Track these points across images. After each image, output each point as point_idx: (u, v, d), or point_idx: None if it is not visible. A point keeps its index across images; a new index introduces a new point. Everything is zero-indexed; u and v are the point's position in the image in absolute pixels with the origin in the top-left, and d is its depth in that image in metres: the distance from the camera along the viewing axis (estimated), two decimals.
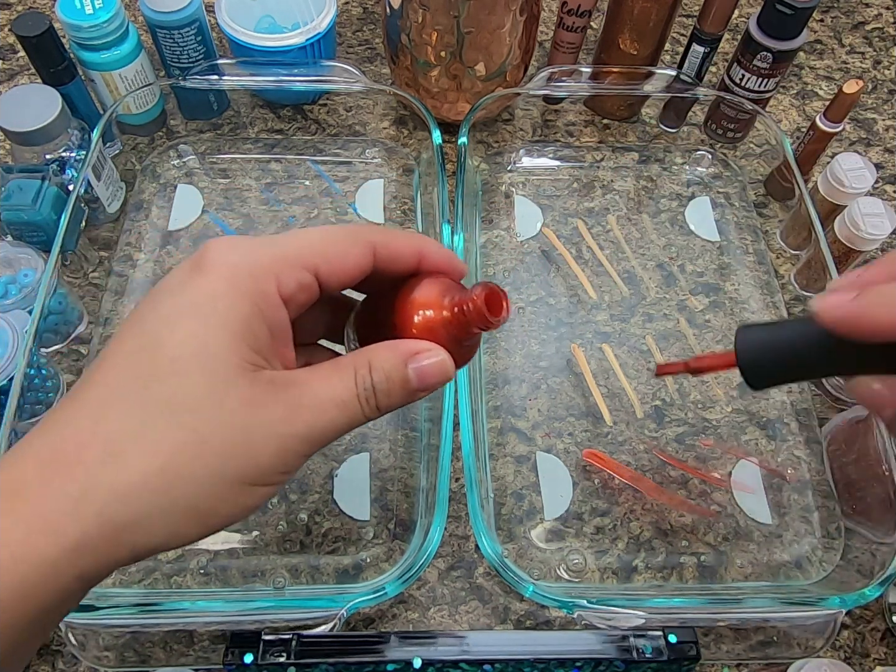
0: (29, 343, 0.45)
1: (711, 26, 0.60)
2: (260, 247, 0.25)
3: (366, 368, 0.25)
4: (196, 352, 0.23)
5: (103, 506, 0.22)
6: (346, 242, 0.26)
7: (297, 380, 0.25)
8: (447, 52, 0.57)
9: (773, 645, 0.42)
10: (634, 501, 0.49)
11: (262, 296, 0.24)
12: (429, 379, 0.26)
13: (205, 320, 0.24)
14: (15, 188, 0.52)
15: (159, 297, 0.25)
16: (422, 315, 0.26)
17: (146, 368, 0.23)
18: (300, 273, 0.25)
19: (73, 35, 0.55)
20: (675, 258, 0.60)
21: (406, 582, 0.40)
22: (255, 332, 0.24)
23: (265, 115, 0.66)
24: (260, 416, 0.24)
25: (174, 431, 0.23)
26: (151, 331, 0.24)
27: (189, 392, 0.23)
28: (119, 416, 0.23)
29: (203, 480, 0.23)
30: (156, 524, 0.23)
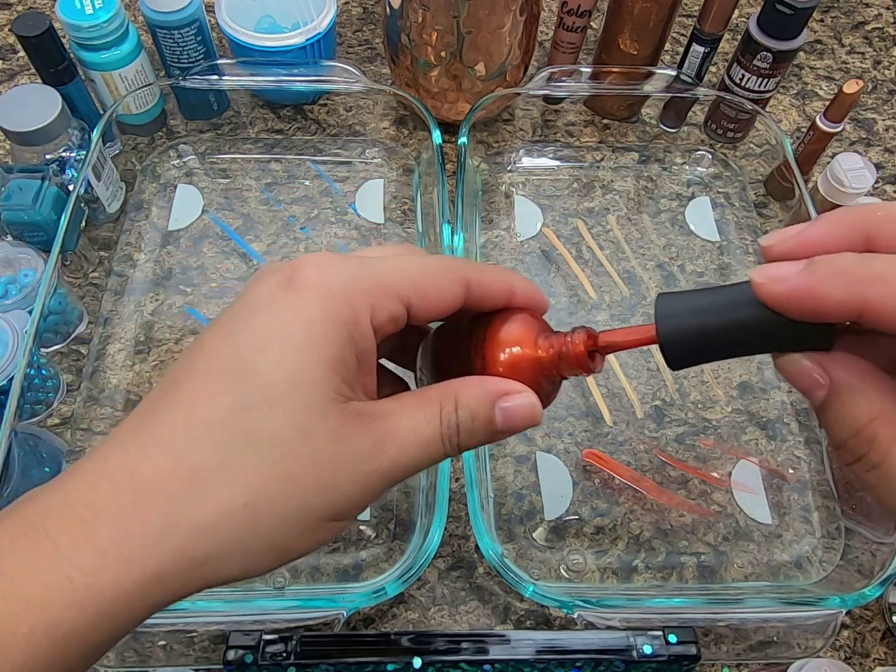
0: (29, 343, 0.45)
1: (711, 26, 0.60)
2: (356, 269, 0.24)
3: (452, 405, 0.24)
4: (289, 380, 0.22)
5: (183, 541, 0.21)
6: (442, 277, 0.25)
7: (384, 412, 0.24)
8: (447, 52, 0.57)
9: (773, 645, 0.42)
10: (634, 501, 0.49)
11: (355, 324, 0.23)
12: (515, 422, 0.25)
13: (299, 346, 0.22)
14: (15, 188, 0.52)
15: (249, 312, 0.24)
16: (510, 353, 0.25)
17: (236, 394, 0.22)
18: (394, 304, 0.24)
19: (73, 35, 0.55)
20: (675, 258, 0.60)
21: (406, 582, 0.40)
22: (346, 361, 0.23)
23: (265, 115, 0.66)
24: (348, 451, 0.23)
25: (261, 466, 0.22)
26: (243, 352, 0.23)
27: (279, 424, 0.22)
28: (205, 446, 0.22)
29: (286, 517, 0.22)
30: (233, 559, 0.22)
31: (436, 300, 0.25)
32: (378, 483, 0.24)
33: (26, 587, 0.20)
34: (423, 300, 0.25)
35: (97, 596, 0.21)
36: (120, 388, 0.52)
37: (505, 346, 0.25)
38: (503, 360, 0.25)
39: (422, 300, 0.25)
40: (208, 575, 0.22)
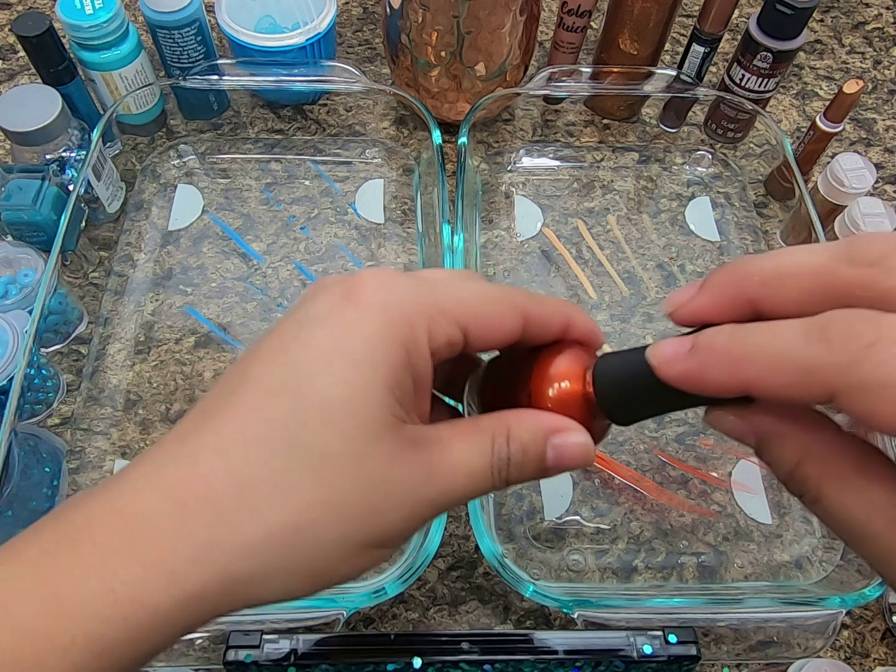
0: (29, 343, 0.45)
1: (711, 26, 0.60)
2: (417, 289, 0.24)
3: (504, 437, 0.24)
4: (347, 398, 0.22)
5: (229, 559, 0.21)
6: (502, 306, 0.25)
7: (437, 439, 0.23)
8: (447, 52, 0.57)
9: (773, 645, 0.42)
10: (634, 501, 0.49)
11: (414, 345, 0.23)
12: (566, 461, 0.24)
13: (358, 365, 0.22)
14: (15, 188, 0.52)
15: (307, 325, 0.23)
16: (558, 388, 0.24)
17: (293, 410, 0.22)
18: (452, 328, 0.24)
19: (73, 35, 0.55)
20: (675, 258, 0.60)
21: (406, 582, 0.40)
22: (402, 383, 0.23)
23: (265, 115, 0.66)
24: (398, 477, 0.22)
25: (312, 486, 0.21)
26: (300, 366, 0.22)
27: (334, 444, 0.21)
28: (258, 461, 0.21)
29: (331, 541, 0.22)
30: (274, 582, 0.22)
31: (494, 329, 0.24)
32: (425, 512, 0.23)
33: (70, 597, 0.20)
34: (481, 328, 0.24)
35: (138, 610, 0.20)
36: (120, 388, 0.52)
37: (554, 381, 0.25)
38: (551, 396, 0.24)
39: (479, 328, 0.24)
40: (248, 594, 0.22)
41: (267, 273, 0.58)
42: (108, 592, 0.20)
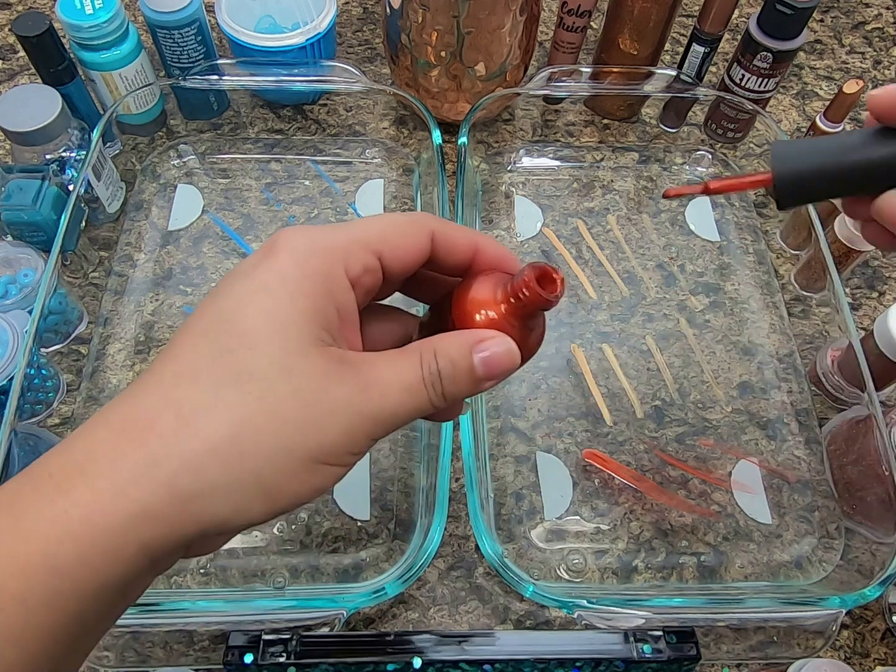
0: (29, 343, 0.45)
1: (711, 26, 0.60)
2: (328, 231, 0.26)
3: (431, 354, 0.25)
4: (267, 324, 0.24)
5: (172, 474, 0.22)
6: (408, 227, 0.27)
7: (366, 360, 0.25)
8: (447, 52, 0.57)
9: (773, 645, 0.42)
10: (634, 501, 0.49)
11: (331, 276, 0.25)
12: (495, 367, 0.26)
13: (275, 296, 0.24)
14: (15, 188, 0.52)
15: (232, 280, 0.25)
16: (482, 314, 0.26)
17: (219, 342, 0.24)
18: (366, 256, 0.26)
19: (73, 35, 0.55)
20: (675, 258, 0.60)
21: (406, 582, 0.40)
22: (324, 311, 0.24)
23: (265, 115, 0.66)
24: (330, 390, 0.24)
25: (245, 401, 0.23)
26: (224, 309, 0.24)
27: (261, 363, 0.23)
28: (192, 387, 0.23)
29: (271, 452, 0.23)
30: (222, 495, 0.23)
31: (405, 249, 0.27)
32: (365, 425, 0.24)
33: (26, 520, 0.21)
34: (394, 250, 0.26)
35: (89, 529, 0.21)
36: (120, 388, 0.52)
37: (477, 308, 0.27)
38: (477, 322, 0.26)
39: (392, 250, 0.26)
40: (200, 512, 0.22)
41: None
42: (60, 514, 0.21)
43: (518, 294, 0.26)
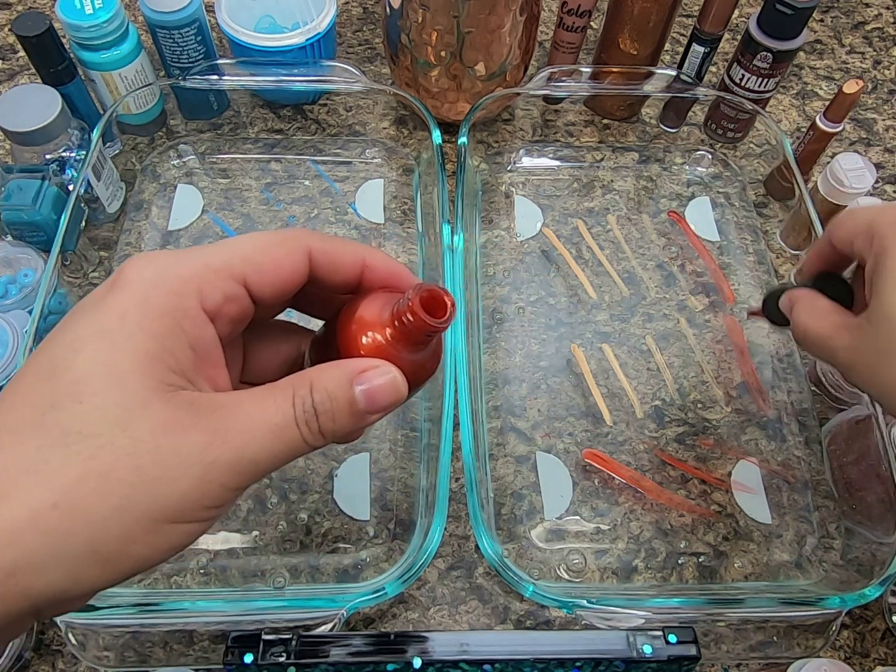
0: (29, 343, 0.45)
1: (711, 26, 0.60)
2: (182, 258, 0.23)
3: (306, 388, 0.23)
4: (101, 373, 0.21)
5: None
6: (278, 248, 0.24)
7: (226, 402, 0.22)
8: (447, 52, 0.57)
9: (773, 645, 0.42)
10: (634, 501, 0.49)
11: (182, 311, 0.22)
12: (378, 400, 0.24)
13: (112, 341, 0.21)
14: (15, 188, 0.52)
15: (69, 321, 0.23)
16: (368, 337, 0.24)
17: (46, 395, 0.21)
18: (226, 284, 0.23)
19: (73, 35, 0.55)
20: (675, 258, 0.60)
21: (406, 582, 0.40)
22: (173, 351, 0.22)
23: (265, 115, 0.66)
24: (176, 442, 0.21)
25: (71, 463, 0.20)
26: (55, 355, 0.22)
27: (92, 418, 0.21)
28: (14, 449, 0.21)
29: (104, 519, 0.20)
30: (50, 569, 0.20)
31: (275, 273, 0.24)
32: (222, 478, 0.22)
33: None
34: (261, 275, 0.24)
35: None
36: None
37: (363, 330, 0.24)
38: (363, 344, 0.24)
39: (260, 275, 0.24)
40: (24, 587, 0.20)
41: None
42: None
43: (402, 318, 0.23)
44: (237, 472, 0.22)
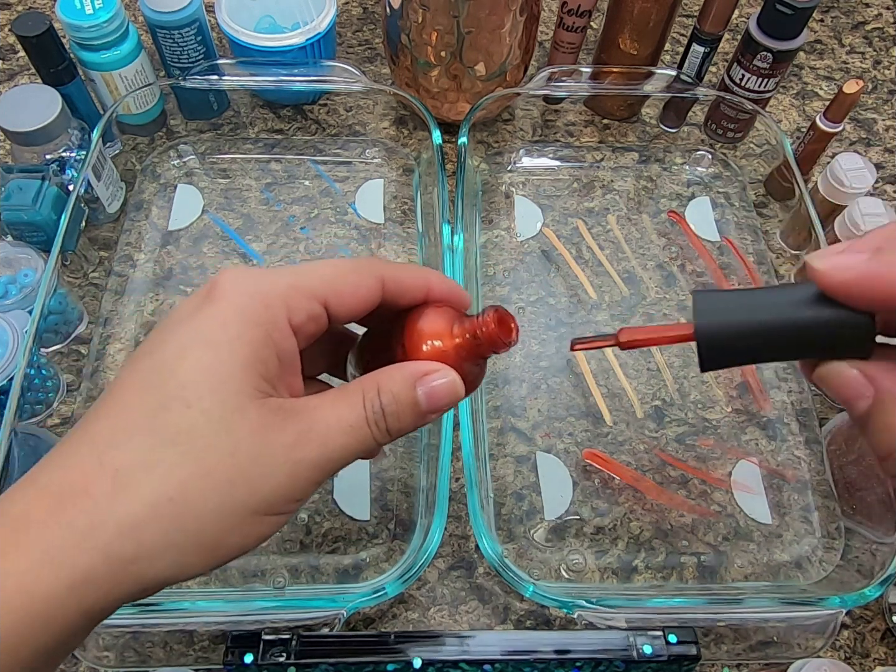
0: (29, 343, 0.45)
1: (711, 26, 0.60)
2: (272, 276, 0.26)
3: (374, 391, 0.25)
4: (205, 379, 0.23)
5: (110, 539, 0.22)
6: (357, 275, 0.27)
7: (307, 406, 0.25)
8: (447, 52, 0.57)
9: (773, 645, 0.42)
10: (634, 501, 0.49)
11: (273, 324, 0.24)
12: (438, 400, 0.26)
13: (215, 348, 0.24)
14: (15, 188, 0.52)
15: (170, 327, 0.25)
16: (431, 344, 0.26)
17: (155, 398, 0.23)
18: (310, 303, 0.26)
19: (73, 35, 0.55)
20: (675, 258, 0.60)
21: (406, 582, 0.40)
22: (265, 360, 0.24)
23: (265, 115, 0.66)
24: (269, 443, 0.24)
25: (183, 462, 0.23)
26: (161, 360, 0.24)
27: (199, 421, 0.23)
28: (127, 447, 0.23)
29: (211, 511, 0.23)
30: (163, 557, 0.23)
31: (352, 297, 0.27)
32: (308, 473, 0.24)
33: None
34: (340, 297, 0.26)
35: (27, 600, 0.21)
36: None
37: (426, 339, 0.27)
38: (425, 352, 0.26)
39: (338, 297, 0.26)
40: (140, 574, 0.22)
41: None
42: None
43: (476, 332, 0.26)
44: (320, 468, 0.25)
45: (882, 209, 0.53)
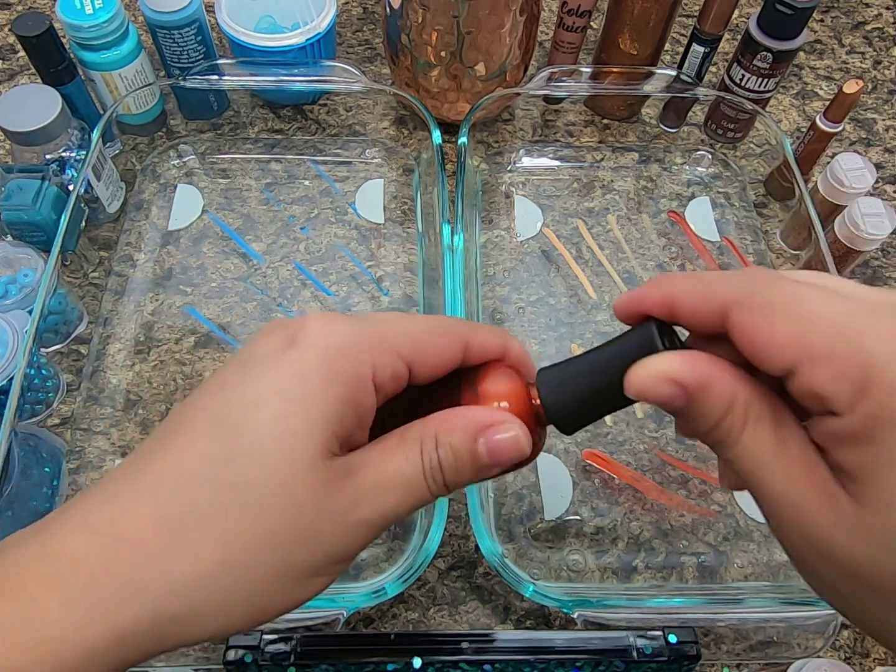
0: (29, 343, 0.45)
1: (711, 26, 0.60)
2: (361, 327, 0.24)
3: (432, 443, 0.24)
4: (277, 436, 0.22)
5: (157, 597, 0.21)
6: (443, 338, 0.26)
7: (365, 459, 0.24)
8: (447, 52, 0.57)
9: (773, 645, 0.42)
10: (634, 501, 0.49)
11: (359, 381, 0.23)
12: (502, 455, 0.24)
13: (291, 403, 0.22)
14: (15, 188, 0.52)
15: (247, 368, 0.23)
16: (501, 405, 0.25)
17: (224, 449, 0.22)
18: (396, 362, 0.24)
19: (73, 35, 0.55)
20: (675, 258, 0.60)
21: (406, 582, 0.40)
22: (343, 417, 0.23)
23: (265, 115, 0.66)
24: (329, 504, 0.22)
25: (240, 521, 0.22)
26: (235, 405, 0.23)
27: (263, 479, 0.22)
28: (186, 498, 0.22)
29: (265, 573, 0.22)
30: (209, 617, 0.22)
31: (436, 360, 0.25)
32: (362, 533, 0.23)
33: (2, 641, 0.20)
34: (425, 359, 0.25)
35: (67, 652, 0.20)
36: (120, 388, 0.52)
37: (498, 396, 0.25)
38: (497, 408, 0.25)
39: (423, 359, 0.25)
40: (183, 633, 0.22)
41: (267, 273, 0.58)
42: (35, 636, 0.20)
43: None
44: (374, 526, 0.23)
45: (882, 209, 0.53)
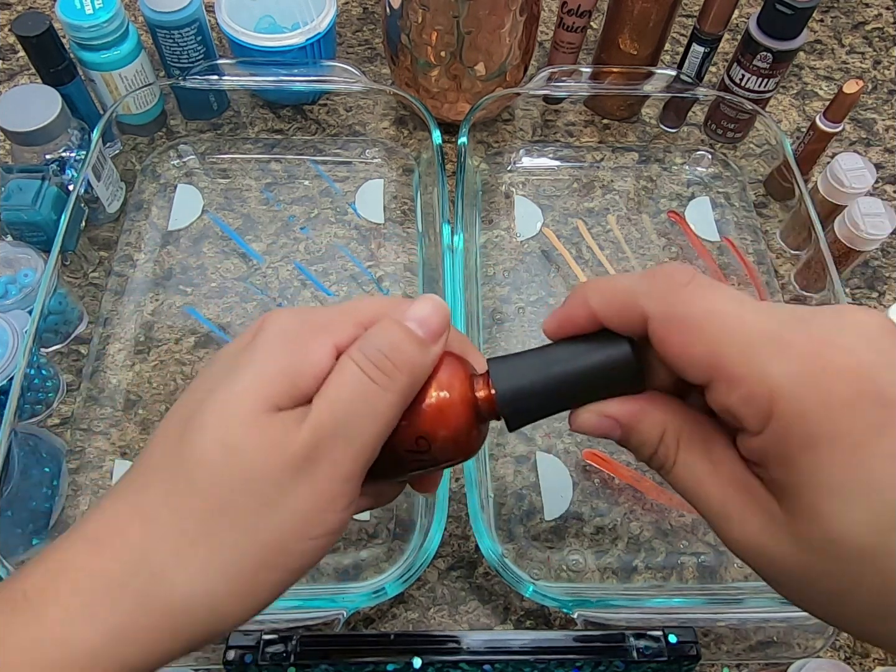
0: (29, 343, 0.45)
1: (711, 26, 0.60)
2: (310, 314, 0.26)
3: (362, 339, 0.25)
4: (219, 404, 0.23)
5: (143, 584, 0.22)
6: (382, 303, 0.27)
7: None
8: (447, 52, 0.57)
9: (773, 645, 0.42)
10: (634, 501, 0.49)
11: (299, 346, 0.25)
12: (430, 320, 0.25)
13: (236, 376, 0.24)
14: (15, 188, 0.52)
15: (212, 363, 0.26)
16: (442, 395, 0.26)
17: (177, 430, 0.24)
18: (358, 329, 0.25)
19: (73, 35, 0.55)
20: (675, 258, 0.60)
21: (406, 582, 0.40)
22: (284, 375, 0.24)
23: (265, 115, 0.66)
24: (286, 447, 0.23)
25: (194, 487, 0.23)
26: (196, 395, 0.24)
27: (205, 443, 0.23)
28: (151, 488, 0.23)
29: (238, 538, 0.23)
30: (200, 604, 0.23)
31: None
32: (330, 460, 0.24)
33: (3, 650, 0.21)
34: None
35: (66, 653, 0.21)
36: (120, 388, 0.52)
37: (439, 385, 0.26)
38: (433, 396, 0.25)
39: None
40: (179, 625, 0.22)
41: (267, 273, 0.58)
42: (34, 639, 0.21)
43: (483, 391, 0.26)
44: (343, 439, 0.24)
45: (882, 209, 0.53)
